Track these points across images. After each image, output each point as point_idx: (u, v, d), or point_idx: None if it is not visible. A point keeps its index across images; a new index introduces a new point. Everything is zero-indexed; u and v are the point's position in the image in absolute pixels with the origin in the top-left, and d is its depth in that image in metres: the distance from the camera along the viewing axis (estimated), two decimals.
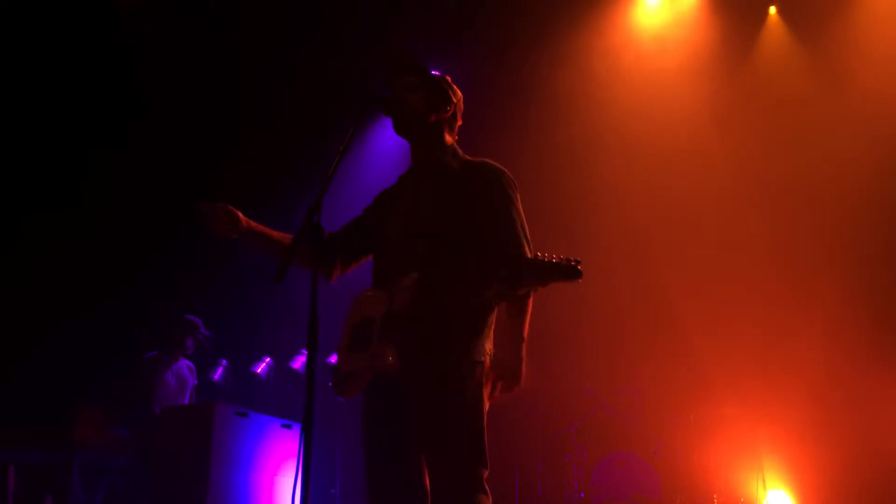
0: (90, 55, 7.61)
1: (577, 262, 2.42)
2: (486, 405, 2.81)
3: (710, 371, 6.42)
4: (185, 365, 6.47)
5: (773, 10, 7.84)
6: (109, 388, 6.24)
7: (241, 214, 2.96)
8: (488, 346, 2.83)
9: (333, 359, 6.18)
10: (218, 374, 6.42)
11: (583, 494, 6.83)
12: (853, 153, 6.99)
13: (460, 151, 3.06)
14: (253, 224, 3.00)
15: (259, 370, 6.40)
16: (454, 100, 3.07)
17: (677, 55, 7.85)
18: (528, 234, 2.85)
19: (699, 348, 6.95)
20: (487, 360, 2.80)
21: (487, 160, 3.01)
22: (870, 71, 7.16)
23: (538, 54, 8.03)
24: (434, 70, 3.12)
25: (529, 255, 2.72)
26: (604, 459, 6.87)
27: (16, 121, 7.34)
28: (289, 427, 5.36)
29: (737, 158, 7.35)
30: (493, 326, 2.86)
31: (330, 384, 2.89)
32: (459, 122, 3.13)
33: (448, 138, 3.05)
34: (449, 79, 3.13)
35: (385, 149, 8.90)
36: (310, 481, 2.43)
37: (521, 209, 2.90)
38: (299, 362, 6.06)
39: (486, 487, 2.73)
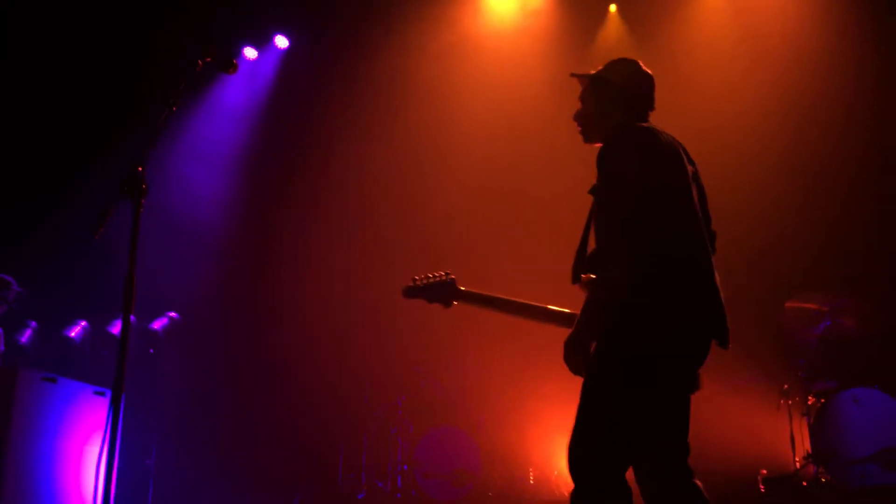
0: None
1: None
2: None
3: (535, 350, 6.66)
4: None
5: (613, 7, 8.22)
6: None
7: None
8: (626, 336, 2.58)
9: (157, 325, 5.98)
10: (26, 336, 5.97)
11: (406, 467, 6.95)
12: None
13: (634, 130, 2.83)
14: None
15: (73, 334, 6.02)
16: (617, 82, 3.00)
17: (523, 41, 8.09)
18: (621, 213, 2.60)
19: (526, 326, 7.20)
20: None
21: (616, 134, 2.84)
22: (694, 69, 7.66)
23: (388, 39, 8.09)
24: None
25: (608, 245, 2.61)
26: (428, 433, 7.01)
27: None
28: (102, 394, 5.09)
29: (575, 148, 7.66)
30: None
31: None
32: (631, 100, 3.00)
33: (621, 121, 2.92)
34: (614, 63, 3.07)
35: (226, 107, 8.64)
36: (117, 450, 2.32)
37: (613, 187, 2.66)
38: (118, 327, 5.76)
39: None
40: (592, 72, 3.09)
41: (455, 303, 3.43)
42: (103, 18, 7.60)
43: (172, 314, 6.15)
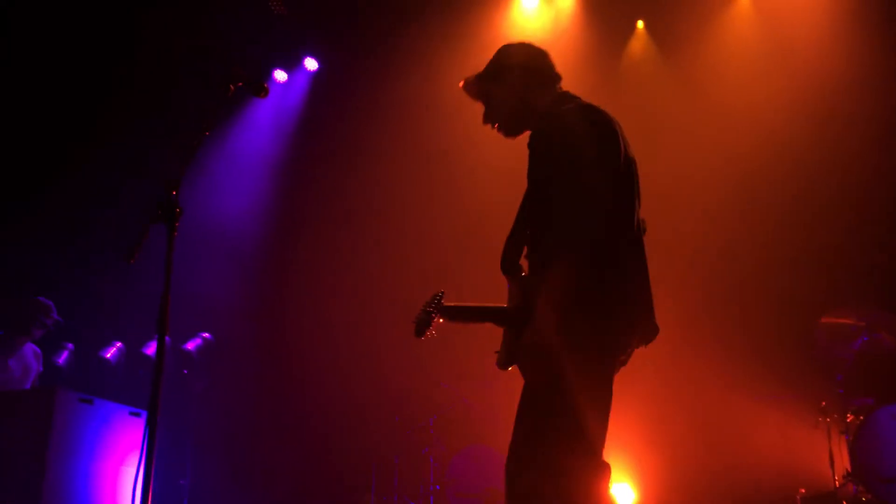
0: None
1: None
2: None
3: None
4: (30, 350, 6.03)
5: (640, 24, 8.20)
6: None
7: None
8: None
9: (190, 345, 6.03)
10: (63, 358, 6.05)
11: (439, 487, 6.92)
12: (704, 160, 7.38)
13: (576, 109, 2.71)
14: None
15: (109, 355, 6.09)
16: (521, 63, 2.92)
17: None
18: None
19: None
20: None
21: (547, 116, 2.76)
22: (721, 87, 7.60)
23: (416, 60, 8.14)
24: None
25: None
26: (460, 452, 6.99)
27: None
28: (137, 415, 5.13)
29: None
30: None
31: None
32: (540, 76, 2.92)
33: (536, 104, 2.86)
34: (506, 49, 3.00)
35: (255, 126, 8.75)
36: (153, 470, 2.34)
37: (543, 170, 2.67)
38: (153, 348, 5.82)
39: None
40: (480, 71, 2.97)
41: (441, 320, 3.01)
42: (130, 40, 7.71)
43: (205, 335, 6.20)
